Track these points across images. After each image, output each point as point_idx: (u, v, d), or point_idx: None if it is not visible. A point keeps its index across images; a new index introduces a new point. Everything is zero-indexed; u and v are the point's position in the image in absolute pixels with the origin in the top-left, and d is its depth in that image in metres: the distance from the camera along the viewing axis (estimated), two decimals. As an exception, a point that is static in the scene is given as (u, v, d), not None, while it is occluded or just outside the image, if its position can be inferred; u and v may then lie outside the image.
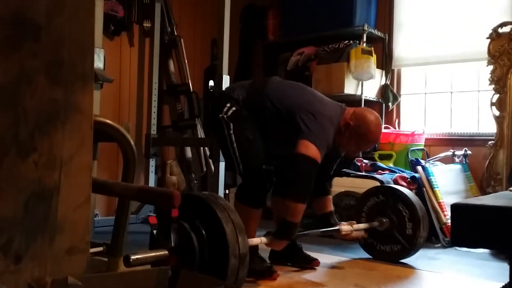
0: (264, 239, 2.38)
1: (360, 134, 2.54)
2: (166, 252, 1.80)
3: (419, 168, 3.63)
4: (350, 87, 4.03)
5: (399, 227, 2.85)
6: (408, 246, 2.83)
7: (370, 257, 2.97)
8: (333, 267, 2.79)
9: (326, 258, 2.93)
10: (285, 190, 2.45)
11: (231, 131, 2.54)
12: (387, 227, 2.87)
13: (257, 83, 2.75)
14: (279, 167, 2.68)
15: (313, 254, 2.83)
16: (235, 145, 2.53)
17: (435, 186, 3.51)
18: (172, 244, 1.82)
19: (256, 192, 2.52)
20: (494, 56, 3.64)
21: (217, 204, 1.92)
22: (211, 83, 3.71)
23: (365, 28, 4.03)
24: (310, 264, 2.72)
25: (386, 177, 3.54)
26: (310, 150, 2.36)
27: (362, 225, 2.84)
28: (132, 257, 1.63)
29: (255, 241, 2.33)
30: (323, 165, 2.66)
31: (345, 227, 2.71)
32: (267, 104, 2.56)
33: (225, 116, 2.55)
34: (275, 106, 2.55)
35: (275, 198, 2.78)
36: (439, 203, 3.48)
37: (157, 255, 1.77)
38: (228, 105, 2.59)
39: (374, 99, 4.21)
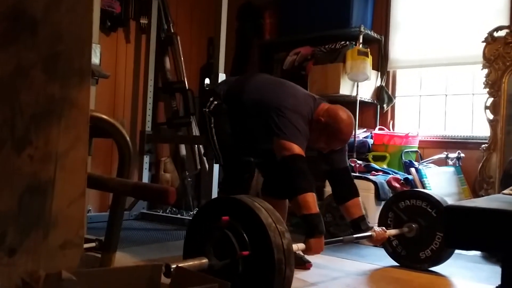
0: (301, 245, 2.26)
1: (330, 131, 2.48)
2: (206, 260, 1.77)
3: (413, 170, 3.64)
4: (345, 88, 4.04)
5: (429, 233, 2.73)
6: (438, 253, 2.71)
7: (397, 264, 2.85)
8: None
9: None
10: (286, 192, 2.47)
11: (212, 125, 2.62)
12: (416, 233, 2.75)
13: (240, 79, 2.80)
14: (262, 164, 2.71)
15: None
16: (215, 137, 2.63)
17: (428, 188, 3.52)
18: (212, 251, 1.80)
19: (235, 183, 2.59)
20: (489, 59, 3.66)
21: (259, 209, 1.82)
22: (207, 81, 3.72)
23: (362, 29, 4.04)
24: (303, 266, 2.70)
25: (379, 178, 3.55)
26: (291, 148, 2.35)
27: (393, 231, 2.75)
28: (173, 266, 1.58)
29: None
30: (331, 163, 2.66)
31: (378, 233, 2.60)
32: (243, 99, 2.60)
33: (207, 110, 2.64)
34: (250, 101, 2.58)
35: (265, 199, 2.78)
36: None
37: (198, 264, 1.74)
38: (211, 99, 2.66)
39: (369, 101, 4.22)
